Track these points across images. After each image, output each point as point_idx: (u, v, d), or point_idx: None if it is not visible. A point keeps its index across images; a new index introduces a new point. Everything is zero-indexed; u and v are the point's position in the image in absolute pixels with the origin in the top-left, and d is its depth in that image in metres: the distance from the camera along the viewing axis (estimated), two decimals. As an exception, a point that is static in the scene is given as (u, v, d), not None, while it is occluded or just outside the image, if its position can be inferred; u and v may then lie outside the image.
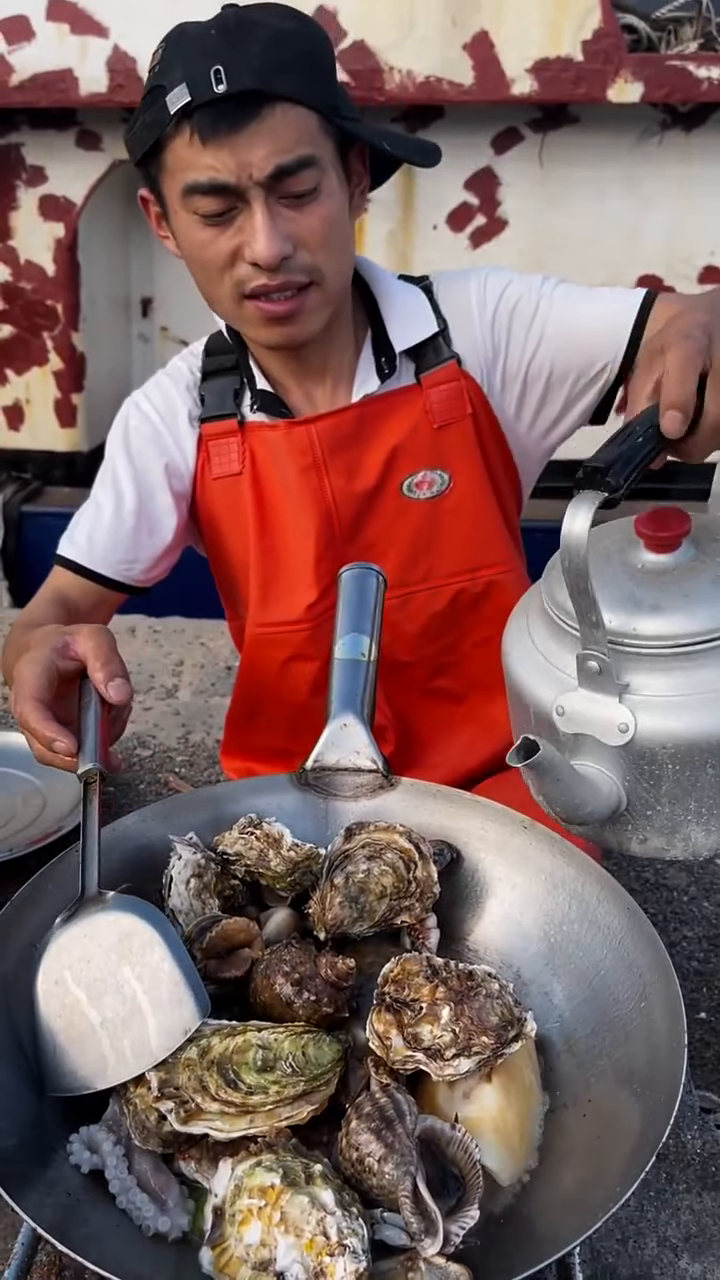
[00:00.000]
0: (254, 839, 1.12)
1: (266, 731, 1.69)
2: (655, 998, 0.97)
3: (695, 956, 1.94)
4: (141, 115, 1.30)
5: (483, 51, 4.11)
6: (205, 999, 0.94)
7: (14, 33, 4.25)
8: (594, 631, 0.92)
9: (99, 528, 1.55)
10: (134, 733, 2.34)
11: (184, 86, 1.24)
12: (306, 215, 1.31)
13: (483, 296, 1.50)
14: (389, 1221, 0.83)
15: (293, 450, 1.50)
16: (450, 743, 1.66)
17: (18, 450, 5.17)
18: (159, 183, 1.35)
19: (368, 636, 1.23)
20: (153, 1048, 0.92)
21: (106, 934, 0.96)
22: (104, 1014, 0.93)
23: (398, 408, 1.50)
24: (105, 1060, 0.92)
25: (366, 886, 1.08)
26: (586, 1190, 0.86)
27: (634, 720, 0.93)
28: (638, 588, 0.95)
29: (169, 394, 1.57)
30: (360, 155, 1.41)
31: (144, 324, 5.52)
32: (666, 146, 4.47)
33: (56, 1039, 0.93)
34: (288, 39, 1.27)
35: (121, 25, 4.16)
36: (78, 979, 0.94)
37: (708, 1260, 1.02)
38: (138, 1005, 0.93)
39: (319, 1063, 0.90)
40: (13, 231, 4.81)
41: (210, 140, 1.25)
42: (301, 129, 1.27)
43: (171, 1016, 0.92)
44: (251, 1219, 0.79)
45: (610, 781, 0.96)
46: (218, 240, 1.32)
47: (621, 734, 0.94)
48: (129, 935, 0.95)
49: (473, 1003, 0.93)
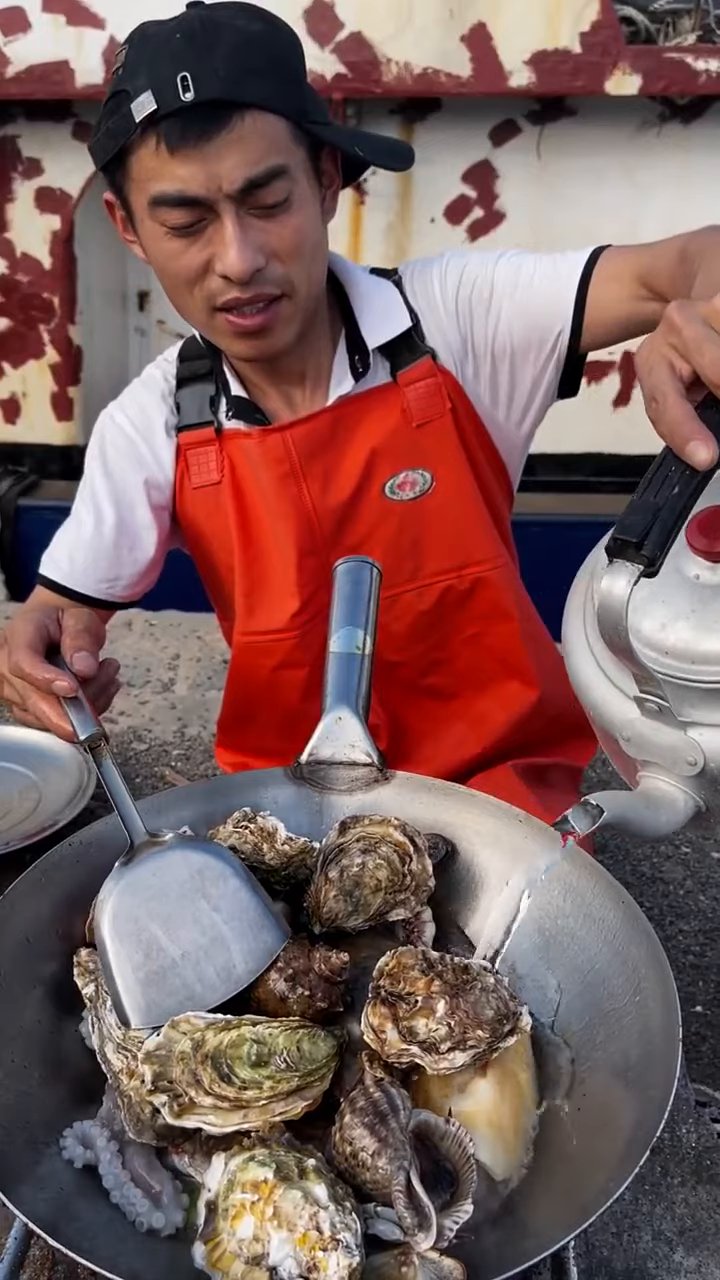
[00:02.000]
0: (248, 833, 1.12)
1: (259, 735, 1.69)
2: (650, 991, 0.96)
3: (691, 950, 1.94)
4: (105, 121, 1.26)
5: (480, 43, 4.10)
6: (285, 925, 1.00)
7: (10, 24, 4.24)
8: (646, 679, 0.87)
9: (79, 546, 1.54)
10: (130, 726, 2.34)
11: (149, 94, 1.19)
12: (278, 226, 1.28)
13: (444, 285, 1.47)
14: (383, 1216, 0.83)
15: (268, 459, 1.48)
16: (442, 739, 1.66)
17: (14, 443, 5.17)
18: (124, 190, 1.31)
19: (362, 630, 1.22)
20: (239, 973, 0.96)
21: (177, 870, 0.99)
22: (183, 947, 0.96)
23: (375, 407, 1.48)
24: (191, 989, 0.95)
25: (361, 880, 1.08)
26: (581, 1184, 0.86)
27: (703, 753, 0.88)
28: (695, 608, 0.87)
29: (144, 404, 1.55)
30: (332, 157, 1.38)
31: (140, 317, 5.51)
32: (665, 138, 4.47)
33: (137, 974, 0.95)
34: (255, 42, 1.23)
35: (118, 17, 4.15)
36: (153, 915, 0.97)
37: (702, 1254, 1.02)
38: (219, 934, 0.96)
39: (313, 1058, 0.90)
40: (9, 224, 4.80)
41: (178, 151, 1.21)
42: (271, 138, 1.24)
43: (255, 942, 0.97)
44: (245, 1213, 0.79)
45: (685, 796, 0.93)
46: (187, 252, 1.29)
47: (691, 766, 0.89)
48: (201, 870, 0.99)
49: (468, 996, 0.93)
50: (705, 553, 0.86)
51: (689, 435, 0.78)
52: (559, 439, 4.43)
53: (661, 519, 0.78)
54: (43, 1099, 0.95)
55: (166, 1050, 0.91)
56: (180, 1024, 0.93)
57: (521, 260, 1.44)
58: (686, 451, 0.78)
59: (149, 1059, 0.90)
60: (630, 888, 1.06)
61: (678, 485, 0.78)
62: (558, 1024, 1.03)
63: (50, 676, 1.07)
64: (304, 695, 1.58)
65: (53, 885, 1.07)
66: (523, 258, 1.45)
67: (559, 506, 4.12)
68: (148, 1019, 0.94)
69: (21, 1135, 0.90)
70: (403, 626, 1.56)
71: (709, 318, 0.80)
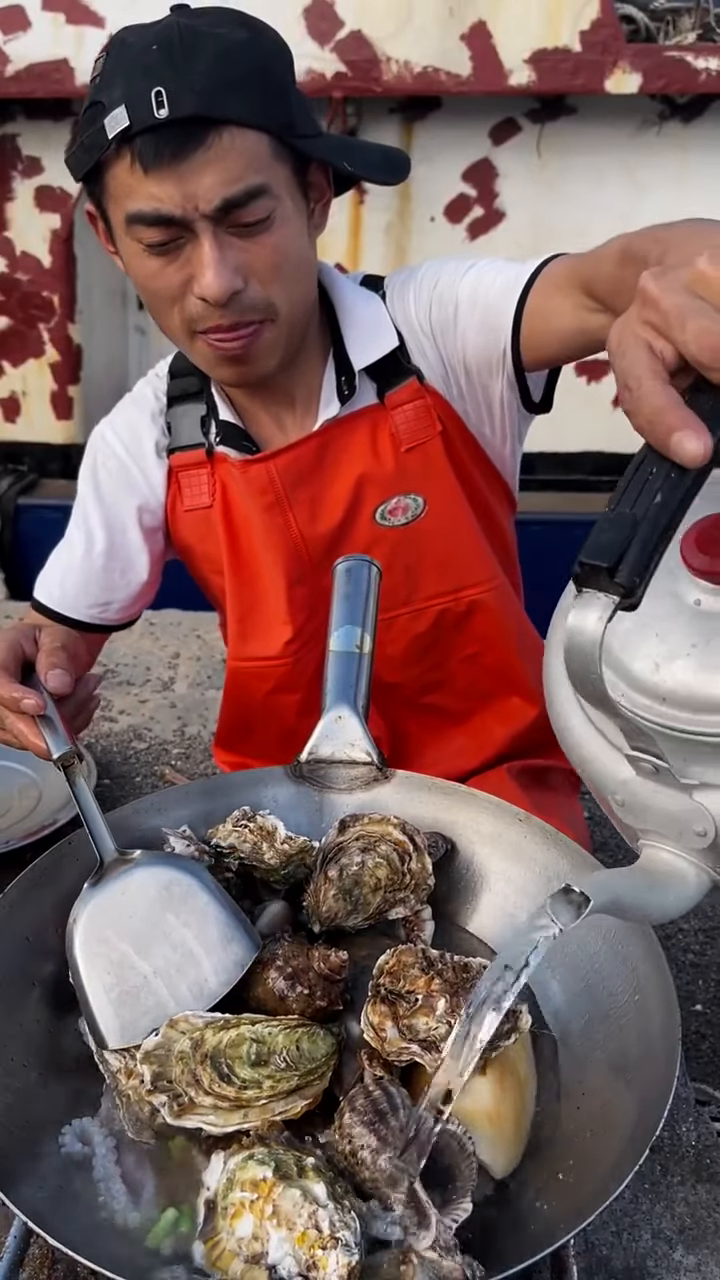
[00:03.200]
0: (248, 832, 1.12)
1: (256, 748, 1.68)
2: (650, 990, 0.96)
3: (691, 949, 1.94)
4: (81, 133, 1.22)
5: (480, 42, 4.09)
6: (256, 935, 0.99)
7: (10, 23, 4.23)
8: (636, 734, 0.71)
9: (70, 571, 1.52)
10: (130, 725, 2.34)
11: (123, 109, 1.14)
12: (258, 246, 1.23)
13: (418, 303, 1.42)
14: (382, 1215, 0.83)
15: (252, 489, 1.45)
16: (444, 749, 1.65)
17: (14, 442, 5.16)
18: (103, 204, 1.27)
19: (362, 628, 1.22)
20: (212, 987, 0.96)
21: (145, 888, 0.99)
22: (154, 964, 0.96)
23: (361, 432, 1.44)
24: (165, 1006, 0.94)
25: (361, 879, 1.08)
26: (581, 1183, 0.86)
27: (714, 822, 0.72)
28: (697, 643, 0.70)
29: (135, 425, 1.52)
30: (321, 169, 1.32)
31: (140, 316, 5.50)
32: (665, 137, 4.46)
33: (109, 995, 0.95)
34: (236, 54, 1.17)
35: (118, 15, 4.14)
36: (122, 934, 0.97)
37: (702, 1252, 1.01)
38: (190, 950, 0.96)
39: (312, 1057, 0.90)
40: (9, 223, 4.79)
41: (152, 169, 1.16)
42: (250, 155, 1.18)
43: (226, 955, 0.97)
44: (244, 1212, 0.79)
45: (697, 870, 0.77)
46: (165, 271, 1.24)
47: (700, 838, 0.73)
48: (168, 886, 0.99)
49: (468, 994, 0.93)
50: (705, 573, 0.69)
51: (673, 425, 0.61)
52: (558, 438, 4.43)
53: (641, 536, 0.60)
54: (42, 1098, 0.95)
55: (165, 1050, 0.91)
56: (179, 1023, 0.93)
57: (483, 272, 1.37)
58: (671, 445, 0.61)
59: (148, 1059, 0.90)
60: (630, 886, 1.05)
61: (661, 491, 0.61)
62: (558, 1023, 1.03)
63: (19, 695, 1.06)
64: (299, 715, 1.56)
65: (52, 884, 1.07)
66: (487, 269, 1.38)
67: (559, 505, 4.12)
68: (123, 1039, 0.94)
69: (21, 1134, 0.90)
70: (399, 649, 1.54)
71: (692, 284, 0.66)
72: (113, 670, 2.63)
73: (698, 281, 0.66)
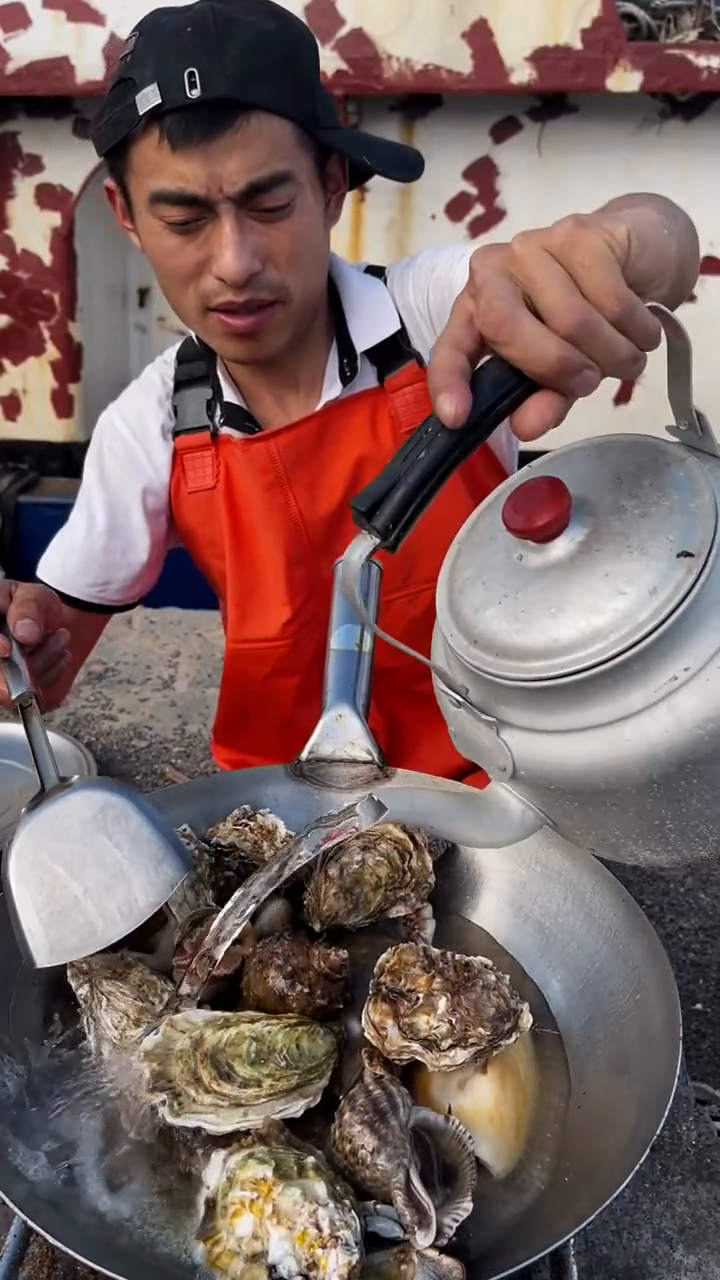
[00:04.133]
0: (248, 831, 1.12)
1: (254, 739, 1.68)
2: (650, 989, 0.96)
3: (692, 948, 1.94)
4: (109, 109, 1.24)
5: (481, 40, 4.09)
6: (187, 855, 1.00)
7: (10, 20, 4.23)
8: (444, 671, 0.79)
9: (71, 551, 1.54)
10: (130, 723, 2.34)
11: (155, 87, 1.17)
12: (278, 231, 1.26)
13: (416, 289, 1.45)
14: (382, 1214, 0.83)
15: (254, 467, 1.47)
16: (440, 740, 1.64)
17: (14, 440, 5.16)
18: (125, 180, 1.30)
19: (362, 627, 1.22)
20: (140, 906, 0.96)
21: (81, 810, 0.99)
22: (85, 884, 0.96)
23: (361, 414, 1.46)
24: (93, 925, 0.95)
25: (361, 877, 1.08)
26: (581, 1182, 0.86)
27: (511, 757, 0.78)
28: (508, 593, 0.75)
29: (140, 409, 1.54)
30: (339, 162, 1.35)
31: (141, 314, 5.50)
32: (666, 136, 4.45)
33: (39, 915, 0.96)
34: (267, 42, 1.20)
35: (118, 13, 4.14)
36: (55, 856, 0.97)
37: (702, 1252, 1.01)
38: (120, 869, 0.97)
39: (312, 1056, 0.90)
40: (9, 221, 4.79)
41: (180, 147, 1.18)
42: (277, 141, 1.21)
43: (156, 875, 0.97)
44: (244, 1211, 0.79)
45: (523, 807, 0.83)
46: (184, 249, 1.27)
47: (502, 772, 0.80)
48: (103, 809, 0.99)
49: (469, 994, 0.93)
50: (521, 531, 0.74)
51: (439, 387, 0.67)
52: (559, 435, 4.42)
53: (404, 486, 0.68)
54: (43, 1094, 0.95)
55: (165, 1048, 0.91)
56: (178, 1022, 0.93)
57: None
58: (436, 405, 0.67)
59: (148, 1057, 0.90)
60: (630, 885, 1.05)
61: (428, 448, 0.68)
62: (558, 1022, 1.03)
63: None
64: (297, 702, 1.57)
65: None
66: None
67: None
68: (51, 957, 0.95)
69: (21, 1132, 0.90)
70: (396, 633, 1.54)
71: (506, 261, 0.68)
72: (113, 669, 2.63)
73: (509, 259, 0.68)
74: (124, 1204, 0.87)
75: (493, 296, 0.66)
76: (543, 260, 0.66)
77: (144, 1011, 0.97)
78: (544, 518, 0.73)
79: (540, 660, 0.71)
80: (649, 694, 0.69)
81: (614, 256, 0.66)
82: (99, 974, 0.99)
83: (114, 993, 0.98)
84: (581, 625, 0.70)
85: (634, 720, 0.70)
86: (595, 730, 0.72)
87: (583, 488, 0.75)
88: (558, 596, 0.72)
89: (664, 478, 0.74)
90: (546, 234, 0.68)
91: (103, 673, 2.60)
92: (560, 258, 0.66)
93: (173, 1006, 0.96)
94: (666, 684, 0.69)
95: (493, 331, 0.66)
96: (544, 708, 0.74)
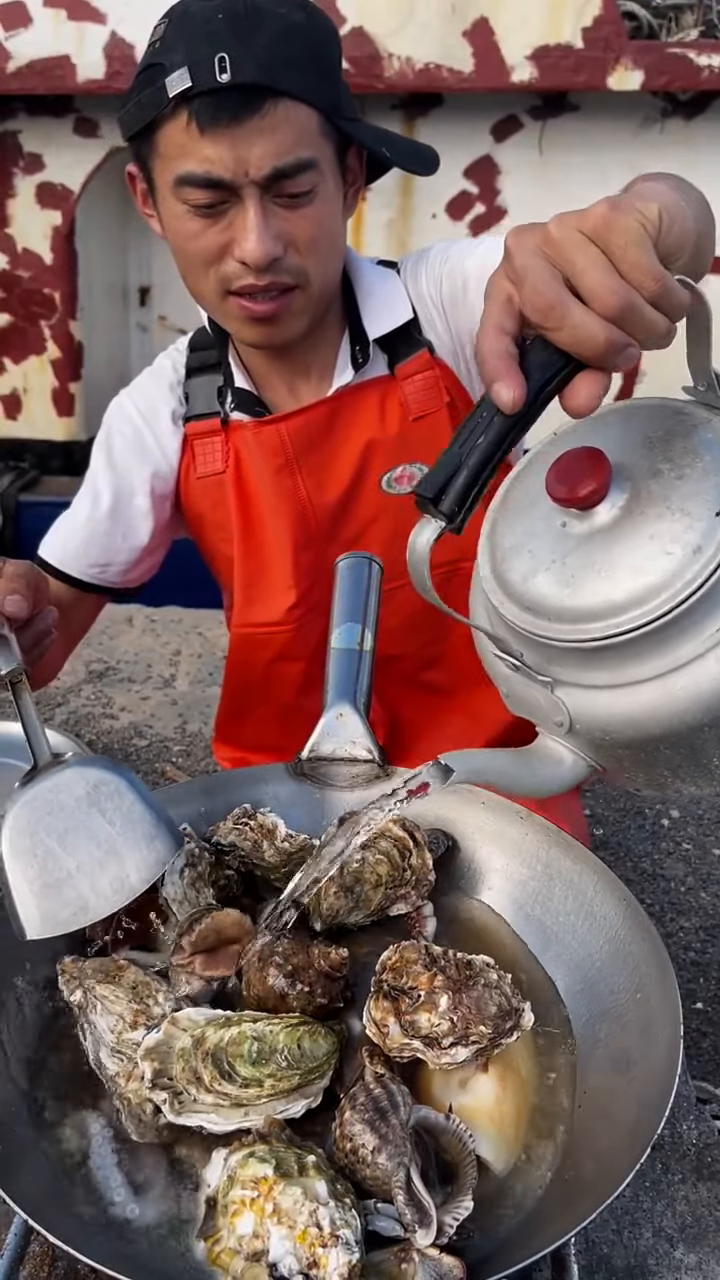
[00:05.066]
0: (248, 830, 1.12)
1: (256, 730, 1.69)
2: (651, 988, 0.96)
3: (692, 947, 1.94)
4: (137, 93, 1.26)
5: (482, 39, 4.09)
6: (179, 835, 1.02)
7: (11, 19, 4.23)
8: (500, 637, 0.84)
9: (73, 530, 1.55)
10: (131, 722, 2.34)
11: (185, 70, 1.19)
12: (300, 217, 1.28)
13: (429, 279, 1.47)
14: (383, 1212, 0.83)
15: (264, 451, 1.48)
16: (440, 734, 1.66)
17: (15, 439, 5.17)
18: (149, 164, 1.31)
19: (363, 626, 1.22)
20: (133, 883, 0.98)
21: (74, 786, 1.00)
22: (79, 859, 0.98)
23: (371, 400, 1.48)
24: (85, 900, 0.97)
25: (361, 875, 1.08)
26: (582, 1181, 0.86)
27: (568, 713, 0.83)
28: (557, 559, 0.79)
29: (151, 394, 1.55)
30: (358, 155, 1.38)
31: (142, 313, 5.51)
32: (667, 134, 4.45)
33: (31, 887, 0.96)
34: (296, 33, 1.22)
35: (119, 12, 4.14)
36: (49, 830, 0.98)
37: (703, 1250, 1.01)
38: (114, 846, 0.99)
39: (314, 1056, 0.90)
40: (10, 219, 4.79)
41: (208, 130, 1.21)
42: (302, 129, 1.24)
43: (148, 853, 0.99)
44: (244, 1210, 0.79)
45: (574, 756, 0.88)
46: (206, 233, 1.28)
47: (559, 727, 0.85)
48: (97, 785, 1.00)
49: (471, 992, 0.93)
50: (566, 500, 0.78)
51: (493, 374, 0.70)
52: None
53: (466, 471, 0.72)
54: (42, 1095, 0.95)
55: (167, 1046, 0.91)
56: (180, 1020, 0.93)
57: (490, 248, 1.42)
58: (491, 392, 0.71)
59: (149, 1055, 0.90)
60: (631, 884, 1.06)
61: (485, 434, 0.72)
62: (559, 1021, 1.03)
63: None
64: (300, 690, 1.58)
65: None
66: (493, 245, 1.42)
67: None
68: (42, 929, 0.96)
69: (21, 1131, 0.90)
70: (400, 621, 1.56)
71: (542, 243, 0.71)
72: (114, 667, 2.63)
73: (545, 241, 0.71)
74: (125, 1202, 0.87)
75: (537, 282, 0.69)
76: (581, 244, 0.69)
77: (140, 1014, 0.97)
78: (588, 486, 0.76)
79: (596, 621, 0.76)
80: (698, 645, 0.75)
81: (648, 236, 0.69)
82: (91, 978, 0.99)
83: (108, 996, 0.98)
84: (633, 586, 0.74)
85: (686, 670, 0.75)
86: (649, 682, 0.77)
87: (617, 453, 0.79)
88: (606, 560, 0.76)
89: (694, 440, 0.78)
90: (582, 216, 0.70)
91: (104, 671, 2.61)
92: (597, 240, 0.69)
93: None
94: (714, 634, 0.74)
95: (541, 317, 0.69)
96: (598, 664, 0.78)
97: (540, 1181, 0.89)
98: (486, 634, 0.86)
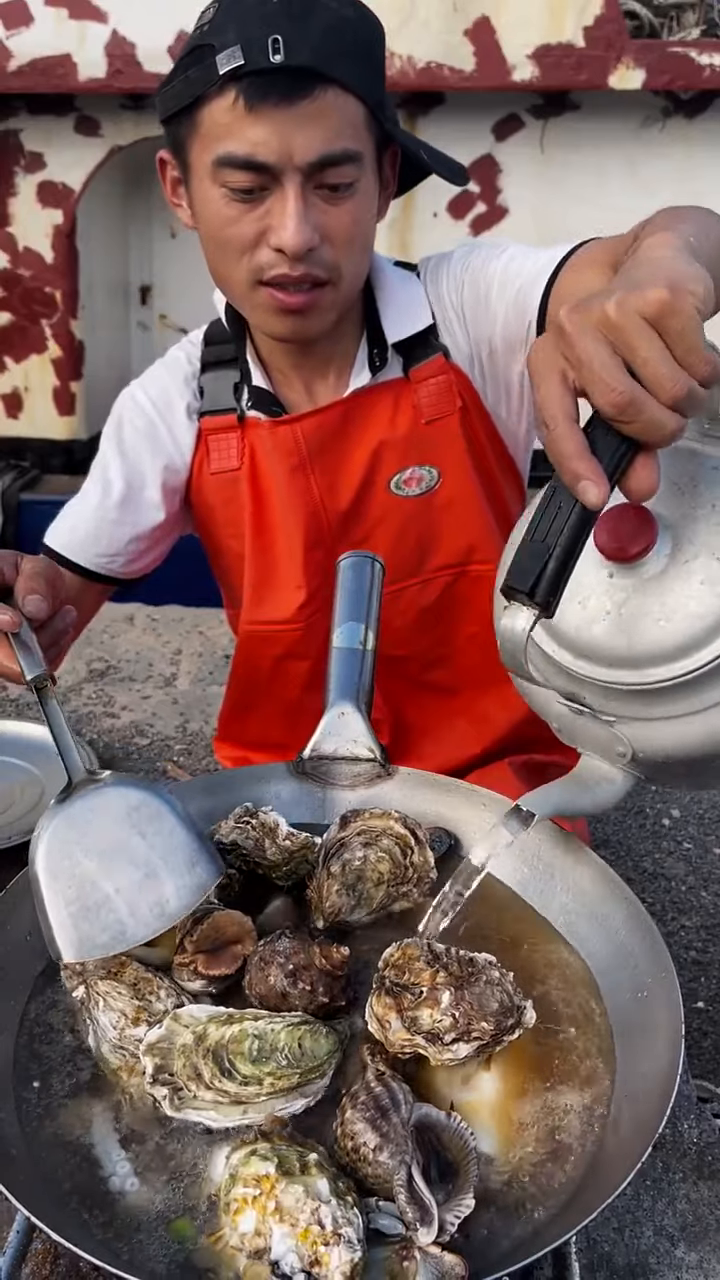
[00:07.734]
0: (250, 828, 1.12)
1: (260, 727, 1.69)
2: (652, 987, 0.96)
3: (693, 946, 1.94)
4: (183, 71, 1.23)
5: (484, 37, 4.09)
6: (220, 860, 1.00)
7: (12, 18, 4.23)
8: (564, 686, 0.88)
9: (82, 519, 1.53)
10: (132, 721, 2.34)
11: (238, 48, 1.17)
12: (339, 210, 1.26)
13: (450, 283, 1.46)
14: (384, 1210, 0.83)
15: (279, 450, 1.48)
16: (444, 735, 1.66)
17: (16, 438, 5.17)
18: (186, 146, 1.28)
19: (365, 625, 1.22)
20: (173, 909, 0.96)
21: (114, 807, 0.99)
22: (117, 882, 0.95)
23: (385, 403, 1.47)
24: (123, 924, 0.95)
25: (364, 874, 1.08)
26: (583, 1180, 0.86)
27: (630, 745, 0.88)
28: (610, 610, 0.84)
29: (165, 386, 1.54)
30: (393, 161, 1.37)
31: (143, 311, 5.51)
32: (668, 133, 4.46)
33: (69, 909, 0.94)
34: (347, 27, 1.21)
35: (120, 11, 4.14)
36: (88, 851, 0.96)
37: (704, 1249, 1.02)
38: (153, 870, 0.97)
39: (314, 1055, 0.90)
40: (11, 218, 4.80)
41: (256, 109, 1.18)
42: (349, 119, 1.22)
43: (190, 877, 0.97)
44: (246, 1208, 0.79)
45: (623, 774, 0.94)
46: (242, 219, 1.26)
47: (621, 757, 0.90)
48: (137, 807, 0.99)
49: (473, 989, 0.93)
50: (620, 558, 0.82)
51: (579, 473, 0.72)
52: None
53: (554, 561, 0.73)
54: (44, 1092, 0.95)
55: (168, 1042, 0.91)
56: (181, 1016, 0.93)
57: (516, 255, 1.42)
58: (577, 490, 0.72)
59: (151, 1050, 0.90)
60: (632, 884, 1.06)
61: (568, 525, 0.73)
62: (560, 1020, 1.03)
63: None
64: (305, 688, 1.58)
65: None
66: (519, 252, 1.42)
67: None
68: (79, 952, 0.94)
69: (22, 1129, 0.90)
70: (406, 620, 1.56)
71: (601, 326, 0.72)
72: (115, 666, 2.63)
73: (604, 324, 0.72)
74: (126, 1200, 0.87)
75: (605, 374, 0.71)
76: (641, 329, 0.71)
77: (142, 1010, 0.97)
78: (640, 545, 0.81)
79: (660, 666, 0.81)
80: None
81: (700, 320, 0.72)
82: (93, 974, 0.99)
83: (110, 993, 0.98)
84: (693, 630, 0.80)
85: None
86: (706, 712, 0.82)
87: (651, 502, 0.81)
88: (661, 608, 0.81)
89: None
90: (641, 298, 0.72)
91: (105, 670, 2.61)
92: (656, 325, 0.71)
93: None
94: None
95: (617, 411, 0.71)
96: (661, 701, 0.83)
97: (541, 1179, 0.89)
98: (545, 686, 0.90)
